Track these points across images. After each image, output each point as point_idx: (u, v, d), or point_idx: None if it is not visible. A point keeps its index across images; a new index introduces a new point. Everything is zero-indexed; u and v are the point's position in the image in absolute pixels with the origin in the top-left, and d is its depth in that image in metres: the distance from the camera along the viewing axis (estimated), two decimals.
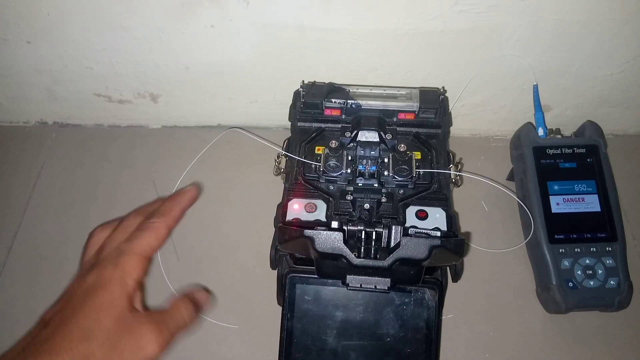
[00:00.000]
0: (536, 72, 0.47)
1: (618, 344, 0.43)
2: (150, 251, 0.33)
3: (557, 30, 0.44)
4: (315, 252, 0.33)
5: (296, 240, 0.33)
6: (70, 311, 0.30)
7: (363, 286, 0.34)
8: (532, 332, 0.44)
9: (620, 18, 0.42)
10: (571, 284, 0.41)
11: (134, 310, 0.31)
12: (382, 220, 0.39)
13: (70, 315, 0.29)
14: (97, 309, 0.29)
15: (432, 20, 0.43)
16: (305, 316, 0.38)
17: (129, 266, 0.32)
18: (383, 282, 0.34)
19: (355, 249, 0.34)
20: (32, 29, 0.46)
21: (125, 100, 0.54)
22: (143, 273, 0.33)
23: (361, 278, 0.33)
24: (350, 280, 0.34)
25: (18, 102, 0.55)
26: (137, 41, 0.46)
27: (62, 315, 0.30)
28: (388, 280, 0.33)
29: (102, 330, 0.29)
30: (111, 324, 0.29)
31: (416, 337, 0.37)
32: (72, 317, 0.29)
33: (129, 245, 0.33)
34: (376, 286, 0.34)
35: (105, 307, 0.30)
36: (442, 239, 0.32)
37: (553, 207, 0.44)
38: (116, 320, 0.30)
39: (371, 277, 0.33)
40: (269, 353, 0.41)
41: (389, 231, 0.33)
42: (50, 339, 0.28)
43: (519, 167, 0.47)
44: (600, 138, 0.46)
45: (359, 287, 0.34)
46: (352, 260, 0.33)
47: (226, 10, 0.43)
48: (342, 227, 0.34)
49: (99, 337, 0.28)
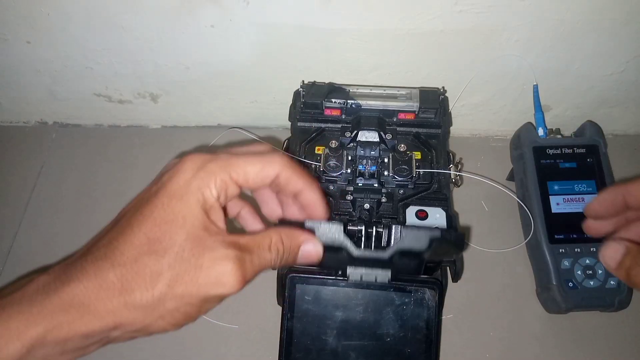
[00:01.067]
0: (536, 72, 0.47)
1: (618, 343, 0.43)
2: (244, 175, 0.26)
3: (557, 30, 0.44)
4: None
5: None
6: (139, 216, 0.25)
7: (364, 279, 0.33)
8: (532, 332, 0.44)
9: (620, 18, 0.42)
10: (571, 284, 0.41)
11: (213, 232, 0.25)
12: (382, 220, 0.39)
13: (138, 221, 0.24)
14: (169, 221, 0.24)
15: (432, 20, 0.43)
16: (306, 316, 0.38)
17: (215, 177, 0.25)
18: (383, 274, 0.33)
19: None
20: (33, 29, 0.46)
21: (125, 100, 0.54)
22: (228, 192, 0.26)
23: (362, 270, 0.33)
24: (350, 273, 0.33)
25: (18, 102, 0.55)
26: (137, 41, 0.46)
27: (129, 219, 0.25)
28: (389, 272, 0.33)
29: (174, 248, 0.24)
30: (184, 242, 0.24)
31: (416, 337, 0.37)
32: (139, 225, 0.24)
33: (222, 155, 0.27)
34: (377, 278, 0.33)
35: (178, 221, 0.24)
36: (443, 230, 0.32)
37: (553, 207, 0.44)
38: (190, 239, 0.24)
39: (372, 270, 0.33)
40: (269, 353, 0.41)
41: (388, 231, 0.33)
42: (114, 243, 0.24)
43: (519, 167, 0.47)
44: (600, 138, 0.46)
45: (360, 280, 0.33)
46: (352, 252, 0.33)
47: (226, 11, 0.43)
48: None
49: (169, 254, 0.23)
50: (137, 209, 0.25)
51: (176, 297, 0.23)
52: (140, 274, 0.23)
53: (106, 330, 0.23)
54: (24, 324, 0.21)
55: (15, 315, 0.22)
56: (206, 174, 0.25)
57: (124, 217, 0.25)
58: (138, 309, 0.23)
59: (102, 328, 0.23)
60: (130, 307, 0.23)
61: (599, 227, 0.35)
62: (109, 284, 0.23)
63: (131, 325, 0.23)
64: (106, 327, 0.23)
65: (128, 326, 0.23)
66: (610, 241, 0.31)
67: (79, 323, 0.22)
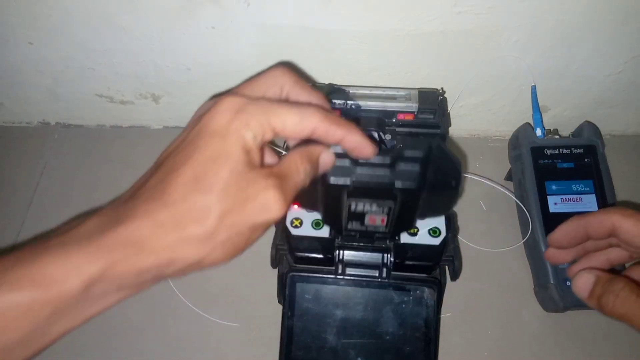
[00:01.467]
0: (535, 73, 0.47)
1: (615, 342, 0.43)
2: (282, 124, 0.27)
3: (555, 31, 0.44)
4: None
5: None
6: (183, 156, 0.26)
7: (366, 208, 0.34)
8: (530, 330, 0.44)
9: (619, 19, 0.43)
10: (569, 283, 0.42)
11: (253, 167, 0.26)
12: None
13: (182, 160, 0.25)
14: (212, 158, 0.25)
15: (431, 21, 0.43)
16: (306, 315, 0.38)
17: (254, 120, 0.26)
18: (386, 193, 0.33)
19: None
20: (34, 30, 0.46)
21: (127, 101, 0.54)
22: (265, 137, 0.26)
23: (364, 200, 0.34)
24: (352, 202, 0.34)
25: (20, 102, 0.55)
26: (139, 42, 0.47)
27: (174, 160, 0.26)
28: (391, 202, 0.33)
29: (219, 183, 0.24)
30: (229, 177, 0.25)
31: (415, 335, 0.38)
32: (184, 164, 0.25)
33: (262, 101, 0.27)
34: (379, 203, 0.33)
35: (221, 158, 0.25)
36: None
37: (551, 207, 0.44)
38: (234, 174, 0.25)
39: (375, 199, 0.34)
40: (269, 351, 0.42)
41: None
42: (162, 184, 0.25)
43: (517, 167, 0.48)
44: (598, 138, 0.47)
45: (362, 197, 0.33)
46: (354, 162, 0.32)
47: (227, 11, 0.43)
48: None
49: (216, 189, 0.24)
50: (179, 150, 0.26)
51: (227, 228, 0.24)
52: (191, 210, 0.24)
53: (161, 266, 0.24)
54: (82, 261, 0.22)
55: (73, 252, 0.22)
56: (246, 116, 0.26)
57: (167, 159, 0.26)
58: (192, 244, 0.24)
59: (157, 264, 0.23)
60: (184, 242, 0.24)
61: (560, 255, 0.39)
62: (162, 222, 0.23)
63: (185, 260, 0.24)
64: (161, 263, 0.24)
65: (182, 261, 0.24)
66: (581, 271, 0.33)
67: (136, 259, 0.23)
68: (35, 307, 0.21)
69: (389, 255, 0.38)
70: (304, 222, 0.39)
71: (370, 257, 0.38)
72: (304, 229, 0.39)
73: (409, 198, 0.34)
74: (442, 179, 0.34)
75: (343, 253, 0.38)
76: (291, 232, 0.38)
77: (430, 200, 0.35)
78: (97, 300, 0.23)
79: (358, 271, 0.38)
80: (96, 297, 0.23)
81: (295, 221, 0.39)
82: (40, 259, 0.22)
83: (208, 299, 0.45)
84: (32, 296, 0.21)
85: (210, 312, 0.45)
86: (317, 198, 0.35)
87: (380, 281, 0.38)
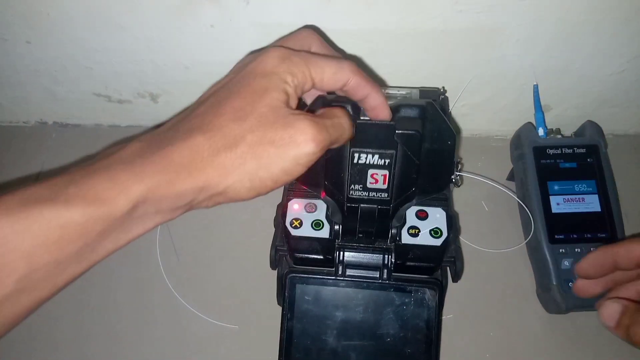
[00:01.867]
0: (536, 72, 0.47)
1: (618, 344, 0.43)
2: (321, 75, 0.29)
3: (557, 30, 0.43)
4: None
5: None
6: (226, 92, 0.28)
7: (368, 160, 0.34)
8: (533, 332, 0.44)
9: (621, 17, 0.42)
10: (571, 284, 0.41)
11: (289, 107, 0.28)
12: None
13: (225, 96, 0.27)
14: (253, 93, 0.27)
15: (432, 19, 0.42)
16: (305, 316, 0.38)
17: (297, 68, 0.28)
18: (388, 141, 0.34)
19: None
20: (32, 29, 0.46)
21: (125, 100, 0.54)
22: (304, 87, 0.29)
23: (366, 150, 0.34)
24: (355, 153, 0.34)
25: (18, 102, 0.55)
26: (137, 41, 0.46)
27: (217, 96, 0.28)
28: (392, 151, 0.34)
29: (255, 114, 0.26)
30: (265, 110, 0.26)
31: (416, 337, 0.37)
32: (226, 99, 0.27)
33: (303, 52, 0.29)
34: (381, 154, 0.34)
35: (261, 93, 0.27)
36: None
37: (553, 207, 0.44)
38: (271, 108, 0.26)
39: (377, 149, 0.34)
40: (269, 353, 0.41)
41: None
42: (202, 116, 0.27)
43: (519, 167, 0.47)
44: (601, 138, 0.46)
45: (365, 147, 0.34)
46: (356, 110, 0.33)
47: (226, 10, 0.43)
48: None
49: (251, 120, 0.26)
50: (223, 90, 0.28)
51: (256, 158, 0.26)
52: (226, 137, 0.25)
53: (195, 191, 0.25)
54: (130, 181, 0.23)
55: (120, 174, 0.23)
56: (290, 64, 0.28)
57: (210, 97, 0.28)
58: (223, 169, 0.25)
59: (193, 188, 0.25)
60: (217, 167, 0.25)
61: (589, 287, 0.38)
62: (200, 148, 0.25)
63: (216, 186, 0.25)
64: (195, 188, 0.25)
65: (213, 188, 0.25)
66: (608, 300, 0.32)
67: (175, 183, 0.24)
68: (88, 224, 0.22)
69: (389, 256, 0.37)
70: (304, 223, 0.39)
71: (370, 258, 0.37)
72: (304, 229, 0.38)
73: (409, 149, 0.34)
74: (438, 137, 0.35)
75: (343, 254, 0.37)
76: (291, 232, 0.38)
77: (429, 168, 0.36)
78: (138, 222, 0.24)
79: (358, 272, 0.38)
80: (137, 219, 0.24)
81: (294, 222, 0.39)
82: (91, 180, 0.23)
83: (206, 300, 0.45)
84: (85, 213, 0.22)
85: (208, 313, 0.44)
86: (319, 167, 0.36)
87: (381, 282, 0.38)
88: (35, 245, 0.21)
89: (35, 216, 0.21)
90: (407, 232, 0.38)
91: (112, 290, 0.46)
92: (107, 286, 0.46)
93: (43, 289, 0.22)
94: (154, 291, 0.45)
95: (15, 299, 0.22)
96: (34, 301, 0.22)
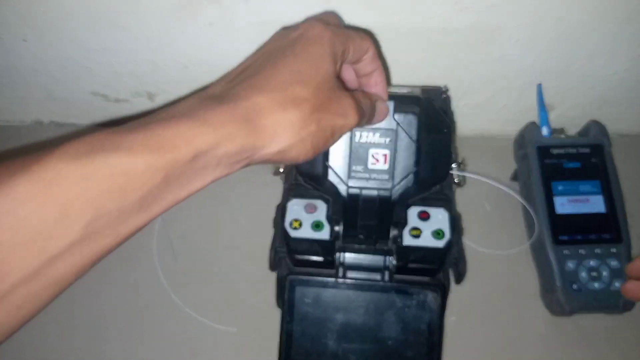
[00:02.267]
0: (538, 71, 0.47)
1: (623, 346, 0.43)
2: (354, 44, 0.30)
3: (558, 29, 0.43)
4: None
5: None
6: (281, 54, 0.28)
7: (369, 139, 0.37)
8: (536, 334, 0.43)
9: (623, 16, 0.42)
10: (575, 286, 0.41)
11: (338, 79, 0.29)
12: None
13: (281, 57, 0.28)
14: (311, 58, 0.28)
15: (433, 19, 0.42)
16: (305, 319, 0.37)
17: (338, 37, 0.29)
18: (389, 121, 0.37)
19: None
20: (29, 27, 0.45)
21: (121, 99, 0.53)
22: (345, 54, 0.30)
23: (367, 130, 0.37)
24: (356, 132, 0.37)
25: (14, 101, 0.54)
26: (136, 40, 0.46)
27: (270, 57, 0.28)
28: (393, 129, 0.37)
29: (316, 80, 0.27)
30: (323, 78, 0.27)
31: (418, 340, 0.37)
32: (283, 59, 0.28)
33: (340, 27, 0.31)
34: (381, 133, 0.37)
35: (319, 59, 0.28)
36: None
37: (557, 208, 0.44)
38: (327, 77, 0.28)
39: (377, 128, 0.37)
40: (268, 356, 0.41)
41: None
42: (259, 75, 0.27)
43: (523, 167, 0.47)
44: (605, 138, 0.46)
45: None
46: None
47: (225, 9, 0.42)
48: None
49: (312, 84, 0.27)
50: (276, 50, 0.29)
51: (316, 121, 0.27)
52: (291, 97, 0.26)
53: (257, 147, 0.25)
54: (192, 131, 0.23)
55: (182, 123, 0.23)
56: (336, 35, 0.29)
57: (263, 56, 0.29)
58: (288, 127, 0.26)
59: (254, 145, 0.25)
60: (283, 124, 0.26)
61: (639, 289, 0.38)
62: (262, 106, 0.25)
63: (278, 143, 0.26)
64: (257, 144, 0.25)
65: (276, 145, 0.26)
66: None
67: (236, 137, 0.24)
68: (150, 171, 0.22)
69: (391, 257, 0.37)
70: (304, 224, 0.38)
71: (372, 260, 0.37)
72: (304, 230, 0.38)
73: (408, 131, 0.37)
74: (434, 127, 0.38)
75: (344, 255, 0.37)
76: (290, 234, 0.38)
77: (427, 156, 0.38)
78: (198, 174, 0.24)
79: (359, 274, 0.37)
80: (198, 171, 0.24)
81: (294, 223, 0.38)
82: (153, 128, 0.23)
83: (204, 302, 0.45)
84: (148, 161, 0.22)
85: (206, 316, 0.44)
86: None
87: (383, 284, 0.37)
88: (101, 191, 0.21)
89: (100, 163, 0.21)
90: (409, 234, 0.38)
91: (108, 291, 0.46)
92: (104, 287, 0.45)
93: (107, 236, 0.22)
94: (151, 293, 0.45)
95: (83, 246, 0.21)
96: (98, 250, 0.22)
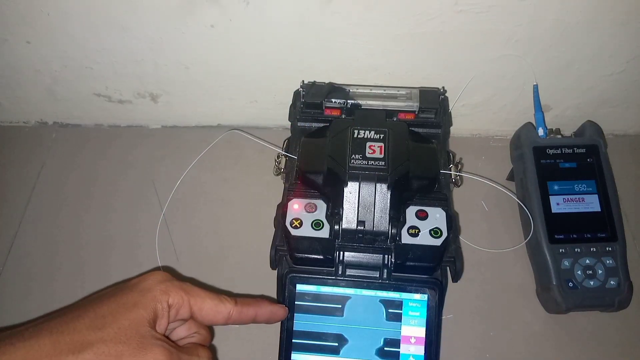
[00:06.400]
0: (536, 72, 0.47)
1: (618, 344, 0.43)
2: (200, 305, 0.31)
3: (556, 30, 0.44)
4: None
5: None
6: (97, 298, 0.29)
7: (366, 135, 0.40)
8: (532, 332, 0.44)
9: (620, 18, 0.42)
10: (571, 284, 0.41)
11: (153, 327, 0.29)
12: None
13: (94, 302, 0.29)
14: (121, 304, 0.28)
15: (432, 20, 0.43)
16: (305, 316, 0.38)
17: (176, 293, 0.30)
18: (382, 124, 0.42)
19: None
20: (32, 29, 0.46)
21: (125, 100, 0.54)
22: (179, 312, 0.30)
23: (365, 128, 0.41)
24: (355, 130, 0.41)
25: (18, 102, 0.55)
26: (137, 41, 0.46)
27: (88, 300, 0.29)
28: (387, 129, 0.41)
29: (114, 326, 0.27)
30: (127, 324, 0.27)
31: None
32: (93, 304, 0.28)
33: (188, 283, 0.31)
34: (377, 130, 0.40)
35: (129, 307, 0.28)
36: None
37: (553, 207, 0.44)
38: (133, 323, 0.28)
39: (372, 127, 0.41)
40: (268, 353, 0.41)
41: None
42: (62, 317, 0.27)
43: (519, 167, 0.47)
44: (601, 138, 0.46)
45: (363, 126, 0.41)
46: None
47: (226, 11, 0.43)
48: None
49: (108, 330, 0.27)
50: (98, 294, 0.30)
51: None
52: (74, 342, 0.26)
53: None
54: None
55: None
56: (169, 286, 0.30)
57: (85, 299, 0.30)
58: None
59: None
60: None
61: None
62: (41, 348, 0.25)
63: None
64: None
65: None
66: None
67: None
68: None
69: (389, 256, 0.37)
70: (304, 223, 0.39)
71: (370, 258, 0.37)
72: (304, 229, 0.38)
73: (399, 135, 0.41)
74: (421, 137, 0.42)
75: (343, 254, 0.37)
76: (291, 232, 0.38)
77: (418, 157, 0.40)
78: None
79: (358, 272, 0.38)
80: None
81: (294, 222, 0.39)
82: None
83: None
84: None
85: None
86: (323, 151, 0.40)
87: (381, 282, 0.38)
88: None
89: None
90: (407, 232, 0.38)
91: None
92: (104, 286, 0.46)
93: None
94: None
95: None
96: None
